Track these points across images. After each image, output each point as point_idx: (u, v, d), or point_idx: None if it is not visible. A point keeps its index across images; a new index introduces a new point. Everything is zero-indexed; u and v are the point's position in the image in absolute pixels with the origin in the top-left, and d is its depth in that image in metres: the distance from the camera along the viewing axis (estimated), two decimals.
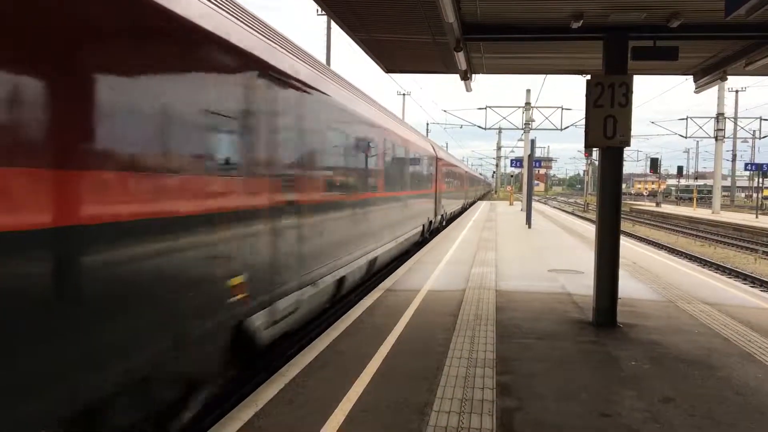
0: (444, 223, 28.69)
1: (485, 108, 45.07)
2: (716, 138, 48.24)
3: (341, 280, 9.76)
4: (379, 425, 5.04)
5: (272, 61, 6.70)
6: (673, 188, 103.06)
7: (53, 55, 3.63)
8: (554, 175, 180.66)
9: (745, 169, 56.56)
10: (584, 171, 79.51)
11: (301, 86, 7.67)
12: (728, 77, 10.53)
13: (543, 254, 17.01)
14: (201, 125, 5.21)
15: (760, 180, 53.35)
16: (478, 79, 12.22)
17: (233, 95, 5.79)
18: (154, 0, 4.56)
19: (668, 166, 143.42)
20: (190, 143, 5.05)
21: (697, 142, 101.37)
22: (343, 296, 11.15)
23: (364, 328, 8.21)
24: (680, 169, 70.52)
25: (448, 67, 11.08)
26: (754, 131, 66.07)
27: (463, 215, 37.37)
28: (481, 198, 79.46)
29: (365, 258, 11.52)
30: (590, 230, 25.91)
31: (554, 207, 64.18)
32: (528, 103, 44.61)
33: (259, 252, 6.39)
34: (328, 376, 6.22)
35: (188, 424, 5.45)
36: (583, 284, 11.73)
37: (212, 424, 5.51)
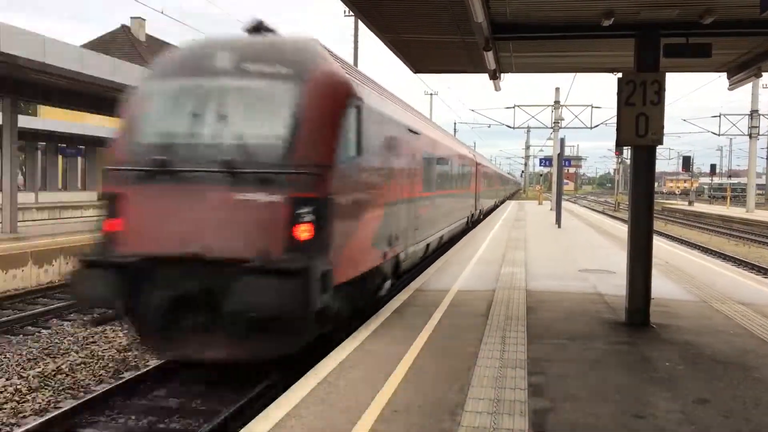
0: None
1: (513, 107, 44.79)
2: (750, 135, 47.36)
3: None
4: (410, 425, 5.05)
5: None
6: (705, 187, 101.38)
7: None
8: (584, 174, 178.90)
9: None
10: (614, 170, 78.58)
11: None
12: (763, 74, 10.35)
13: (573, 254, 16.86)
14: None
15: None
16: (507, 79, 12.17)
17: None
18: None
19: (701, 165, 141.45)
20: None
21: (731, 139, 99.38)
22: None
23: (394, 329, 8.22)
24: (713, 167, 69.35)
25: (477, 67, 11.04)
26: None
27: (491, 214, 37.04)
28: (510, 197, 78.77)
29: None
30: (621, 229, 25.61)
31: (584, 206, 63.55)
32: (557, 102, 44.24)
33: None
34: (359, 376, 6.25)
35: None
36: (615, 284, 11.60)
37: (245, 423, 5.56)
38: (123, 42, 52.53)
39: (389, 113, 10.32)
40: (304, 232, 6.97)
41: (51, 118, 41.07)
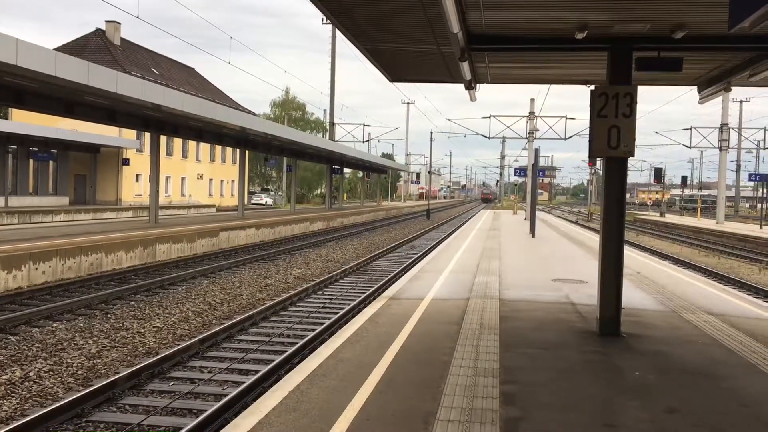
0: None
1: (489, 117, 45.08)
2: (720, 148, 48.18)
3: None
4: None
5: None
6: (677, 198, 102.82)
7: None
8: (558, 185, 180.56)
9: (750, 180, 56.36)
10: (588, 181, 79.73)
11: None
12: (732, 88, 10.54)
13: (547, 264, 16.99)
14: None
15: (765, 190, 53.19)
16: (483, 89, 12.28)
17: None
18: None
19: (672, 176, 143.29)
20: None
21: (702, 152, 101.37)
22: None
23: (367, 337, 8.21)
24: (684, 179, 70.52)
25: (454, 77, 11.11)
26: (759, 141, 65.91)
27: (466, 224, 37.26)
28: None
29: None
30: (594, 240, 25.87)
31: (558, 216, 64.11)
32: (532, 113, 44.64)
33: None
34: (331, 384, 6.22)
35: None
36: (587, 294, 11.71)
37: None
38: (97, 46, 52.00)
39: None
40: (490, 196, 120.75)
41: (23, 121, 40.50)
